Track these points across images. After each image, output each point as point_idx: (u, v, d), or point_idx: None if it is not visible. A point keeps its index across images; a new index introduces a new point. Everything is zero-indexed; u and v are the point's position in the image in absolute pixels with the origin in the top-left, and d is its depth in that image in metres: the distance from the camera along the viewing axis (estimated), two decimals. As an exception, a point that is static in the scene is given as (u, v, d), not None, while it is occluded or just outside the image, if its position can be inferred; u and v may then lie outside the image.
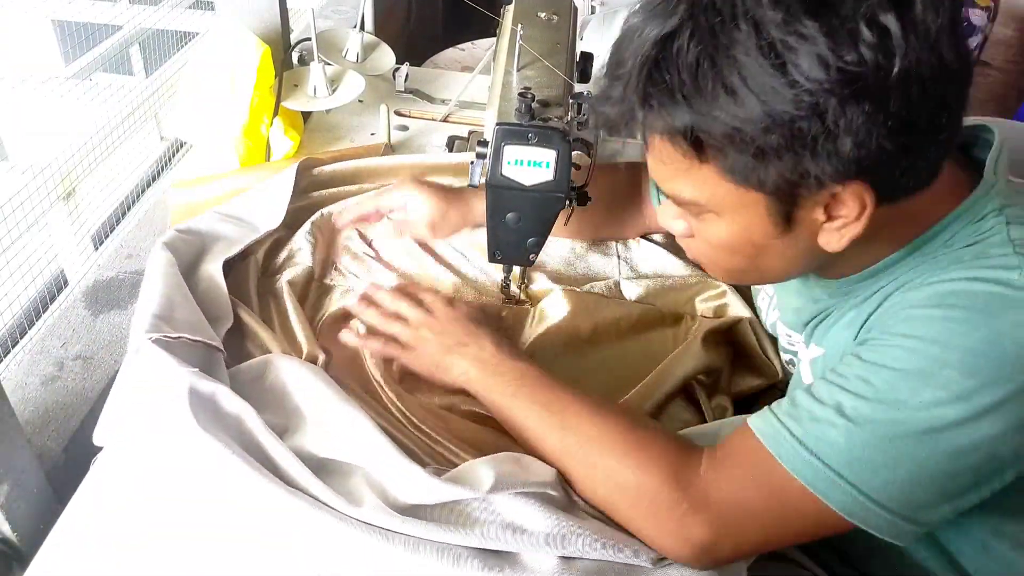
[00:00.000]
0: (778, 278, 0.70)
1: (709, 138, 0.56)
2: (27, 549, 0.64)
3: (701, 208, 0.62)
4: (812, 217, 0.59)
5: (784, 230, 0.60)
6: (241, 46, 1.04)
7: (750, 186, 0.58)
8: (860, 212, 0.57)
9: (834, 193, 0.57)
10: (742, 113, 0.53)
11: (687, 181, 0.61)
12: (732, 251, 0.65)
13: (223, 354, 0.73)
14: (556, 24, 0.92)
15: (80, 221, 1.01)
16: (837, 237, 0.60)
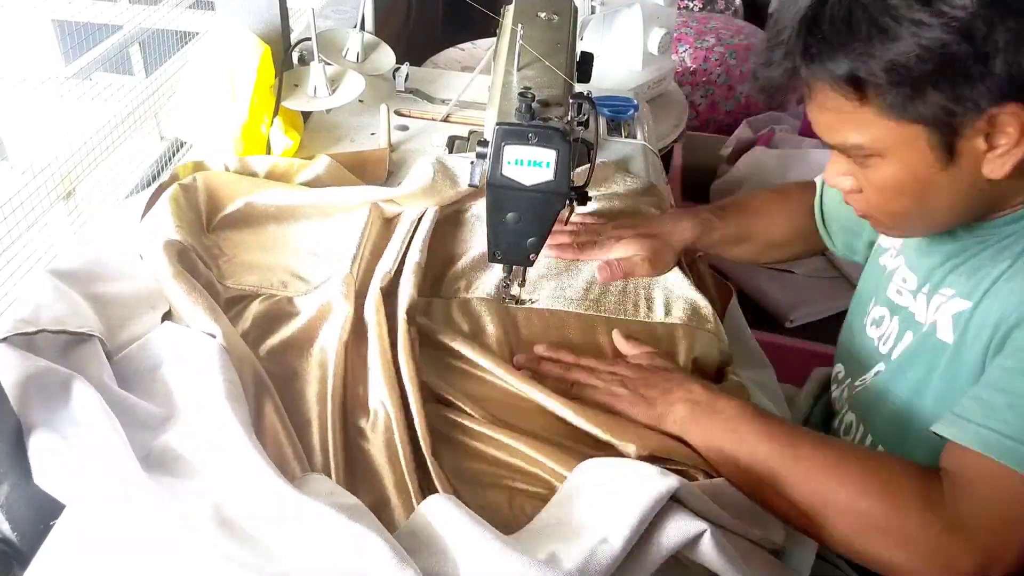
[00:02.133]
0: (946, 219, 0.70)
1: (869, 76, 0.60)
2: (27, 549, 0.64)
3: (866, 151, 0.65)
4: (974, 146, 0.62)
5: (948, 162, 0.63)
6: (241, 46, 1.04)
7: (910, 120, 0.61)
8: (1020, 135, 0.59)
9: (992, 117, 0.59)
10: (896, 47, 0.58)
11: (851, 126, 0.64)
12: (899, 192, 0.67)
13: (97, 338, 0.71)
14: (556, 24, 0.92)
15: (80, 221, 1.01)
16: (1000, 164, 0.61)
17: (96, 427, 0.63)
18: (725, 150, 2.17)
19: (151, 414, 0.68)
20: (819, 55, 0.62)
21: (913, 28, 0.57)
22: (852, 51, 0.60)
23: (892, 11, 0.58)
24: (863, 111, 0.63)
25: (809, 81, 0.65)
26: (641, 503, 0.59)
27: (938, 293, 0.73)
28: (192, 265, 0.82)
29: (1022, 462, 0.58)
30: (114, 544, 0.60)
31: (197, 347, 0.71)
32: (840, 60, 0.61)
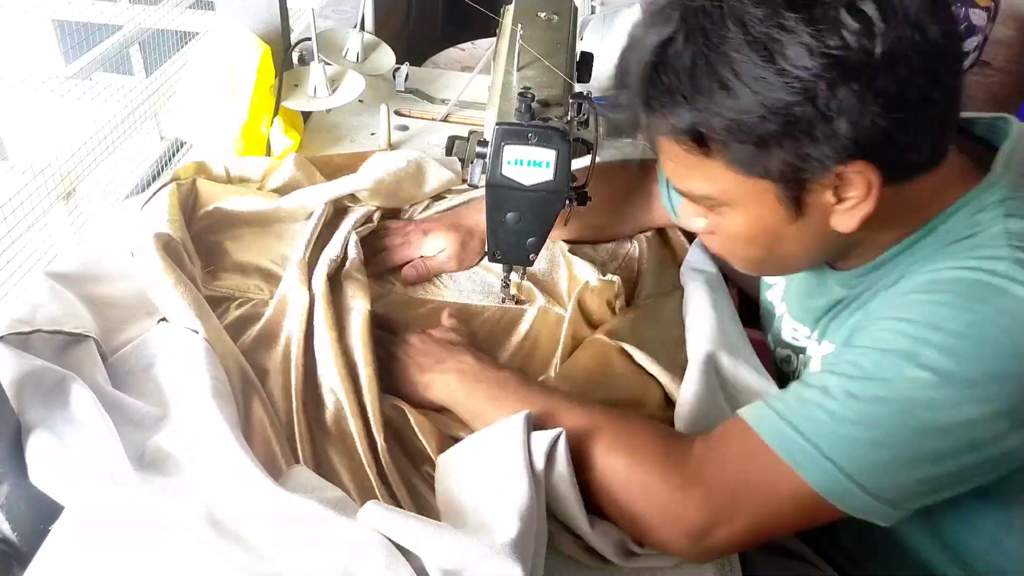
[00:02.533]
0: (798, 265, 0.71)
1: (711, 133, 0.58)
2: (27, 549, 0.64)
3: (715, 202, 0.64)
4: (822, 200, 0.61)
5: (797, 215, 0.62)
6: (241, 46, 1.04)
7: (757, 175, 0.60)
8: (867, 191, 0.59)
9: (839, 174, 0.58)
10: (738, 105, 0.56)
11: (697, 177, 0.63)
12: (749, 241, 0.67)
13: (93, 340, 0.72)
14: (556, 24, 0.92)
15: (80, 221, 1.01)
16: (848, 218, 0.61)
17: (90, 427, 0.63)
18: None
19: (144, 414, 0.68)
20: (661, 107, 0.60)
21: (756, 86, 0.55)
22: (694, 107, 0.58)
23: (734, 66, 0.55)
24: (709, 164, 0.61)
25: (653, 132, 0.64)
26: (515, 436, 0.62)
27: (823, 341, 0.75)
28: (179, 259, 0.82)
29: (783, 444, 0.58)
30: (111, 544, 0.60)
31: (185, 345, 0.72)
32: (682, 113, 0.59)
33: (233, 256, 0.91)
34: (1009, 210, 0.61)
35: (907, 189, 0.61)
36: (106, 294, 0.80)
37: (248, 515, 0.60)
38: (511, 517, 0.57)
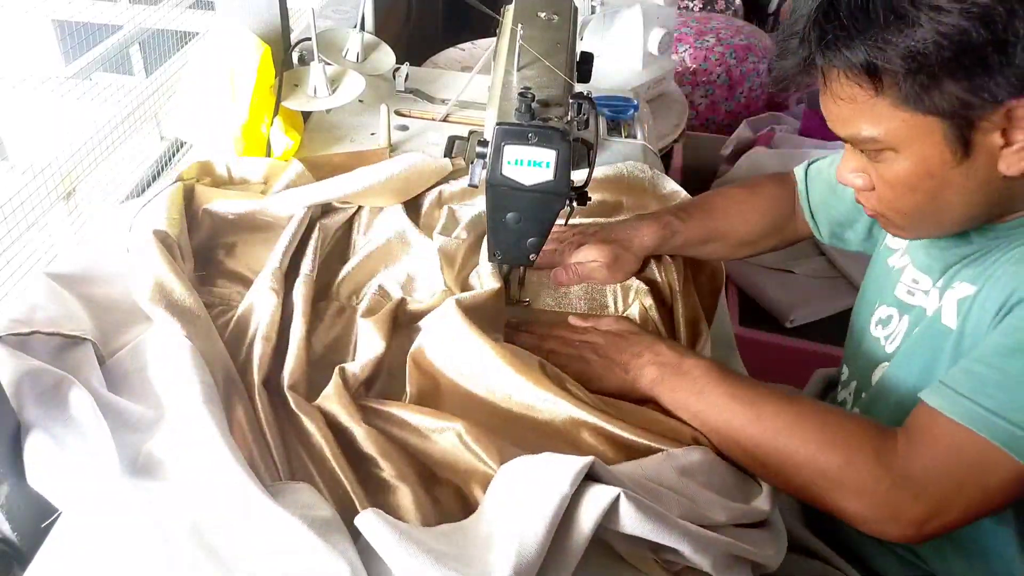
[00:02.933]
0: (958, 219, 0.68)
1: (886, 64, 0.59)
2: (27, 549, 0.64)
3: (880, 145, 0.65)
4: (990, 141, 0.61)
5: (963, 158, 0.62)
6: (241, 46, 1.04)
7: (926, 111, 0.60)
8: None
9: (1010, 111, 0.58)
10: (913, 34, 0.57)
11: (865, 118, 0.63)
12: (912, 188, 0.66)
13: (91, 342, 0.72)
14: (556, 24, 0.92)
15: (80, 221, 1.01)
16: (1017, 159, 0.61)
17: (85, 430, 0.63)
18: (725, 150, 2.17)
19: (139, 417, 0.68)
20: (835, 42, 0.61)
21: (931, 14, 0.56)
22: (869, 38, 0.59)
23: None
24: (878, 102, 0.62)
25: (825, 70, 0.64)
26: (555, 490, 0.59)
27: (950, 288, 0.73)
28: (172, 257, 0.82)
29: (999, 436, 0.59)
30: (105, 547, 0.60)
31: (173, 349, 0.71)
32: (856, 48, 0.60)
33: (223, 264, 0.91)
34: None
35: None
36: (105, 295, 0.80)
37: (230, 526, 0.59)
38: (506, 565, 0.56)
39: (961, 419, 0.61)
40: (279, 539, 0.58)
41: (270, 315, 0.78)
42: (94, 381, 0.69)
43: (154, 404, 0.69)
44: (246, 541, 0.59)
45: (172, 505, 0.60)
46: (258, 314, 0.79)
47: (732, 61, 2.27)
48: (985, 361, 0.62)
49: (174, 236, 0.84)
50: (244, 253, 0.93)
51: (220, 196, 0.95)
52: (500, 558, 0.56)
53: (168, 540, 0.59)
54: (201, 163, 1.00)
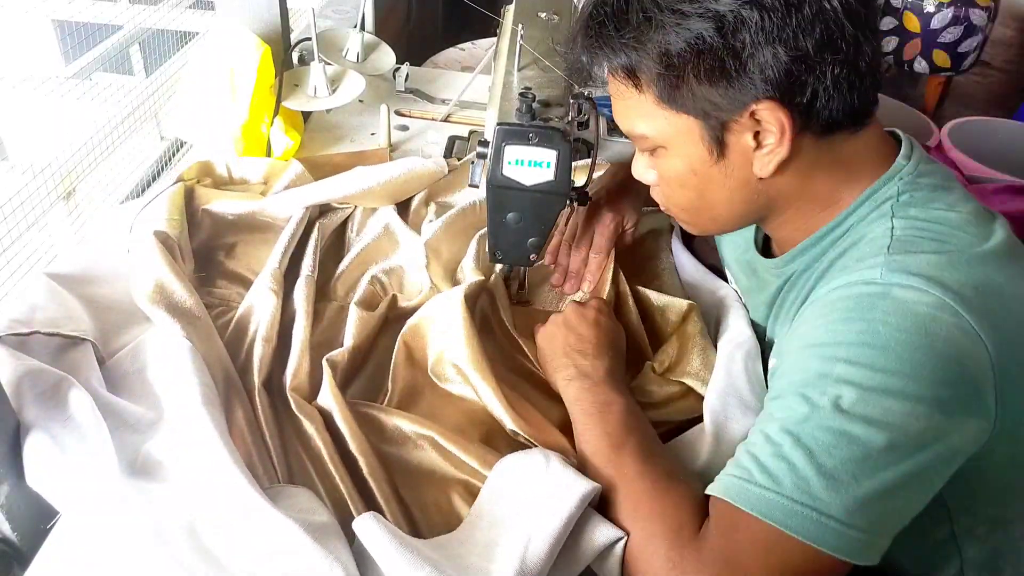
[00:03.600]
0: (727, 215, 0.73)
1: (640, 65, 0.65)
2: (27, 549, 0.64)
3: (651, 143, 0.70)
4: (742, 143, 0.65)
5: (719, 157, 0.66)
6: (241, 46, 1.04)
7: (682, 111, 0.65)
8: (781, 134, 0.63)
9: (753, 114, 0.63)
10: (660, 37, 0.62)
11: (637, 115, 0.68)
12: (682, 184, 0.70)
13: (90, 342, 0.72)
14: (556, 24, 0.92)
15: (80, 221, 1.01)
16: (766, 162, 0.65)
17: (85, 430, 0.63)
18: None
19: (139, 417, 0.67)
20: (600, 45, 0.66)
21: (675, 19, 0.61)
22: (625, 40, 0.64)
23: (659, 1, 0.62)
24: (643, 100, 0.67)
25: (596, 71, 0.70)
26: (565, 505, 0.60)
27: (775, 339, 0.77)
28: (172, 257, 0.82)
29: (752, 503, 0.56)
30: (106, 548, 0.60)
31: (172, 350, 0.71)
32: (616, 49, 0.65)
33: (223, 265, 0.91)
34: (898, 209, 0.66)
35: (828, 148, 0.66)
36: (105, 296, 0.80)
37: (228, 527, 0.59)
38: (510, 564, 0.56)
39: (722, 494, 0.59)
40: (276, 542, 0.58)
41: (270, 316, 0.78)
42: (94, 382, 0.69)
43: (153, 405, 0.69)
44: (243, 543, 0.59)
45: (170, 506, 0.60)
46: (258, 315, 0.79)
47: (732, 61, 2.27)
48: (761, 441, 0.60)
49: (174, 237, 0.84)
50: (244, 254, 0.93)
51: (220, 197, 0.95)
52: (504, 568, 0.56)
53: (166, 541, 0.58)
54: (201, 163, 1.00)
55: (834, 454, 0.56)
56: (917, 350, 0.57)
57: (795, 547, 0.55)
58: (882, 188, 0.67)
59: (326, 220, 0.97)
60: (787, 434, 0.58)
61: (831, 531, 0.54)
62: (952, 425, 0.57)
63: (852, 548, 0.55)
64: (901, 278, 0.60)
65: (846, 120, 0.65)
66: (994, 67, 3.25)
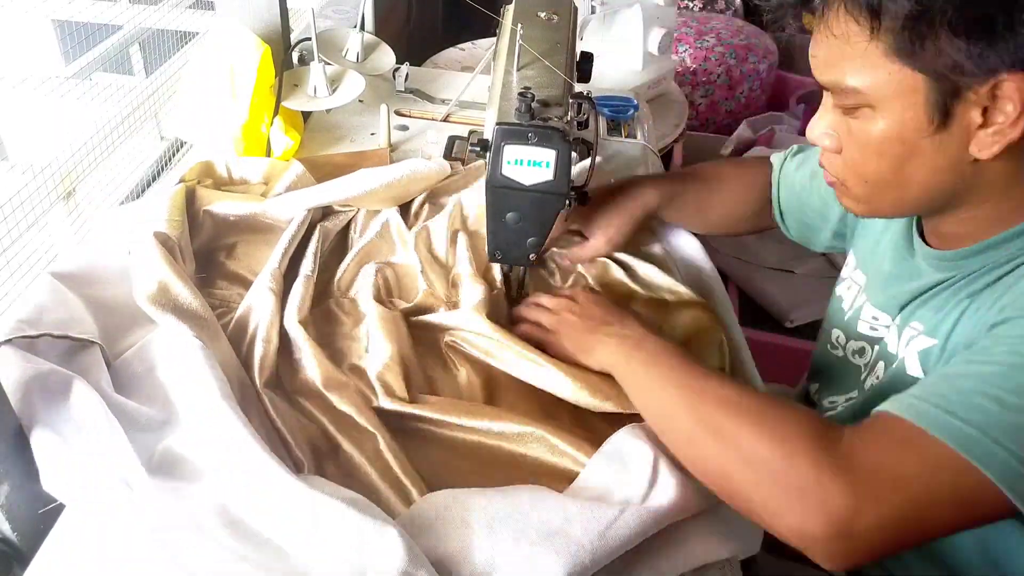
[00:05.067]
0: (917, 195, 0.66)
1: (889, 4, 0.57)
2: (27, 549, 0.64)
3: (859, 99, 0.62)
4: (968, 117, 0.59)
5: (939, 127, 0.60)
6: (241, 46, 1.04)
7: (915, 67, 0.58)
8: (1019, 114, 0.57)
9: (997, 85, 0.57)
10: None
11: (853, 64, 0.61)
12: (880, 152, 0.64)
13: (99, 345, 0.71)
14: (556, 24, 0.92)
15: (80, 221, 1.01)
16: (990, 142, 0.59)
17: (100, 430, 0.63)
18: (725, 150, 2.17)
19: (149, 417, 0.68)
20: None
21: None
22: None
23: None
24: (870, 47, 0.60)
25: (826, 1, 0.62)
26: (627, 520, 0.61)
27: (908, 326, 0.72)
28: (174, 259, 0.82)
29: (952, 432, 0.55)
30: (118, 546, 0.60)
31: (184, 349, 0.71)
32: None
33: (223, 266, 0.91)
34: None
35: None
36: (109, 297, 0.79)
37: (267, 512, 0.60)
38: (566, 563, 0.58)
39: (910, 416, 0.57)
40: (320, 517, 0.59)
41: (269, 316, 0.78)
42: (103, 384, 0.69)
43: (164, 404, 0.70)
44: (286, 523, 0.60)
45: (203, 498, 0.61)
46: (256, 315, 0.79)
47: (732, 61, 2.27)
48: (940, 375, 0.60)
49: (175, 238, 0.84)
50: (245, 255, 0.93)
51: (221, 198, 0.95)
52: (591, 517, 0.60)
53: (208, 531, 0.59)
54: (203, 164, 1.00)
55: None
56: None
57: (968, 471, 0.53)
58: None
59: (328, 223, 0.97)
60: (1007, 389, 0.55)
61: (1011, 469, 0.53)
62: None
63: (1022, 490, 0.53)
64: None
65: None
66: (994, 67, 3.24)
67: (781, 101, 2.45)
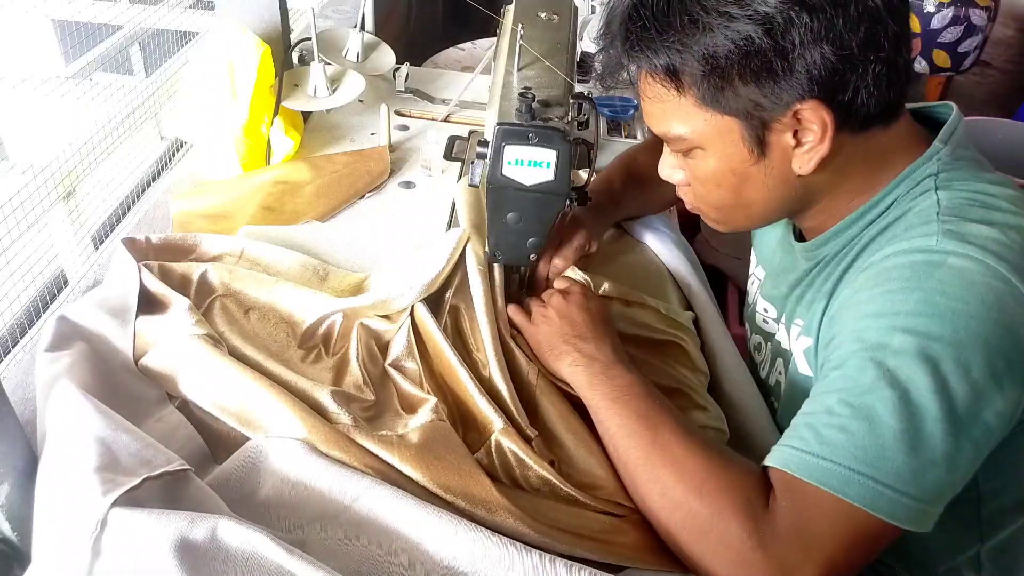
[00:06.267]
0: (763, 212, 0.73)
1: (683, 67, 0.64)
2: (27, 549, 0.64)
3: (688, 144, 0.69)
4: (783, 142, 0.66)
5: (759, 156, 0.67)
6: (241, 46, 1.04)
7: (724, 112, 0.65)
8: (823, 133, 0.64)
9: (796, 113, 0.63)
10: (706, 40, 0.62)
11: (672, 117, 0.68)
12: (718, 183, 0.70)
13: (191, 470, 0.61)
14: (556, 24, 0.92)
15: (80, 221, 1.01)
16: (807, 160, 0.66)
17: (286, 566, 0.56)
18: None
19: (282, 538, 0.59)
20: (639, 44, 0.65)
21: (722, 20, 0.61)
22: (669, 41, 0.63)
23: (704, 3, 0.61)
24: (682, 102, 0.66)
25: (633, 71, 0.69)
26: None
27: (793, 323, 0.78)
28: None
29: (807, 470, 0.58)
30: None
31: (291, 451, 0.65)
32: (659, 50, 0.64)
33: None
34: (940, 183, 0.66)
35: (863, 143, 0.67)
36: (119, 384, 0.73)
37: None
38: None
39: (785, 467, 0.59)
40: None
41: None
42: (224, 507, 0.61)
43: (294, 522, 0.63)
44: None
45: None
46: None
47: (732, 61, 2.27)
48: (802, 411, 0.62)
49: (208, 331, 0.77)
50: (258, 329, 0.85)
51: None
52: None
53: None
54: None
55: (891, 424, 0.57)
56: (972, 319, 0.58)
57: (857, 515, 0.57)
58: (920, 168, 0.68)
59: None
60: (847, 405, 0.59)
61: (887, 499, 0.56)
62: (1002, 395, 0.58)
63: (907, 515, 0.56)
64: (956, 246, 0.60)
65: (882, 115, 0.66)
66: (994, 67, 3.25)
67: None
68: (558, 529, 0.65)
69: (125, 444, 0.61)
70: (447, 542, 0.60)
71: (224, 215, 1.01)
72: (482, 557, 0.59)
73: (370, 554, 0.60)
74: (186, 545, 0.54)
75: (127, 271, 0.84)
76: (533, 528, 0.63)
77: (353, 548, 0.61)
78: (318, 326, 0.83)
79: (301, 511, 0.63)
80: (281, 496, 0.64)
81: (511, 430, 0.71)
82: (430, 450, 0.67)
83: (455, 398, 0.77)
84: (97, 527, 0.54)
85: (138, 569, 0.54)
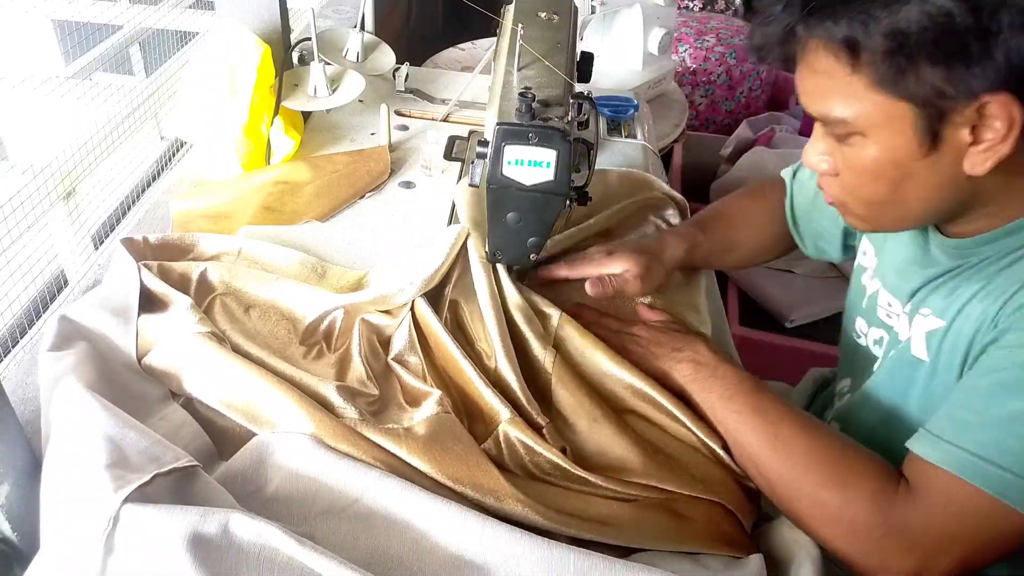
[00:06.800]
0: (918, 213, 0.67)
1: (866, 42, 0.58)
2: (27, 549, 0.64)
3: (849, 128, 0.63)
4: (958, 137, 0.59)
5: (930, 150, 0.60)
6: (241, 46, 1.04)
7: (900, 96, 0.59)
8: (1008, 130, 0.57)
9: (982, 106, 0.57)
10: (899, 13, 0.55)
11: (839, 97, 0.62)
12: (876, 177, 0.64)
13: (199, 466, 0.62)
14: (556, 24, 0.92)
15: (80, 221, 1.01)
16: (982, 159, 0.59)
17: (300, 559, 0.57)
18: (725, 150, 2.17)
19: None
20: (819, 13, 0.60)
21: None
22: (854, 11, 0.58)
23: None
24: (853, 80, 0.60)
25: (804, 41, 0.63)
26: None
27: (918, 313, 0.73)
28: None
29: (990, 482, 0.58)
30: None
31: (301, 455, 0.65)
32: (840, 21, 0.58)
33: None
34: None
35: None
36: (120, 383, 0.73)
37: None
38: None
39: (950, 468, 0.60)
40: None
41: None
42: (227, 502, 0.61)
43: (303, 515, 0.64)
44: None
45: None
46: None
47: (732, 61, 2.27)
48: (968, 406, 0.62)
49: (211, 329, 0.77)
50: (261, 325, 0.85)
51: None
52: None
53: None
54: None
55: None
56: None
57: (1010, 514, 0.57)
58: None
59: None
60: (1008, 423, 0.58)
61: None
62: None
63: None
64: None
65: None
66: (994, 67, 3.24)
67: (781, 101, 2.45)
68: (566, 514, 0.65)
69: (134, 441, 0.61)
70: (456, 532, 0.60)
71: (224, 215, 1.01)
72: (491, 546, 0.59)
73: (379, 545, 0.61)
74: (199, 539, 0.55)
75: (127, 271, 0.84)
76: (542, 515, 0.64)
77: (362, 540, 0.61)
78: (319, 323, 0.83)
79: (310, 505, 0.63)
80: (289, 490, 0.64)
81: (519, 419, 0.71)
82: (437, 442, 0.68)
83: (459, 390, 0.77)
84: (109, 523, 0.55)
85: (151, 564, 0.55)
